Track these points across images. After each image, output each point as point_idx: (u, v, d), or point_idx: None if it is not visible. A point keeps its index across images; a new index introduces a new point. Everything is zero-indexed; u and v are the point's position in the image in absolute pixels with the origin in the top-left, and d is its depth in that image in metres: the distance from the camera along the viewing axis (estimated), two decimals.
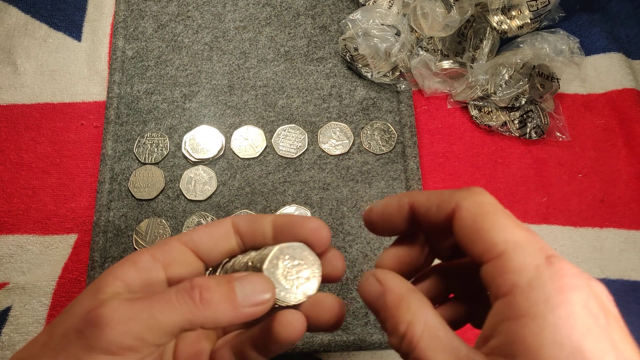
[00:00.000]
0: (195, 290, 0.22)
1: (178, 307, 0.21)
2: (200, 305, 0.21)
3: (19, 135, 0.53)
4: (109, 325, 0.20)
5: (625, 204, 0.50)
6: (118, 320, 0.20)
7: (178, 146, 0.52)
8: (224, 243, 0.26)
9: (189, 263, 0.25)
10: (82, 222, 0.49)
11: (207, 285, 0.22)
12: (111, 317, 0.20)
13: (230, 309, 0.22)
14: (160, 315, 0.21)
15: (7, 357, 0.44)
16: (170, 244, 0.25)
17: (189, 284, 0.22)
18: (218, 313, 0.22)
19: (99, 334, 0.20)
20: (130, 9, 0.58)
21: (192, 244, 0.26)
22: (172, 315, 0.21)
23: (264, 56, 0.56)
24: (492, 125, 0.52)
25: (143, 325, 0.21)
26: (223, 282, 0.22)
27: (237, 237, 0.26)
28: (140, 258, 0.24)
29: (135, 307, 0.21)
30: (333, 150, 0.51)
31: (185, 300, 0.21)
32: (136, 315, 0.21)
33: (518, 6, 0.52)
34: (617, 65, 0.56)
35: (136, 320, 0.21)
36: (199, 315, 0.21)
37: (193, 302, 0.21)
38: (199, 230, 0.26)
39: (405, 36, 0.52)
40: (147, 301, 0.21)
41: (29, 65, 0.56)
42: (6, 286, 0.47)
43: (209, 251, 0.26)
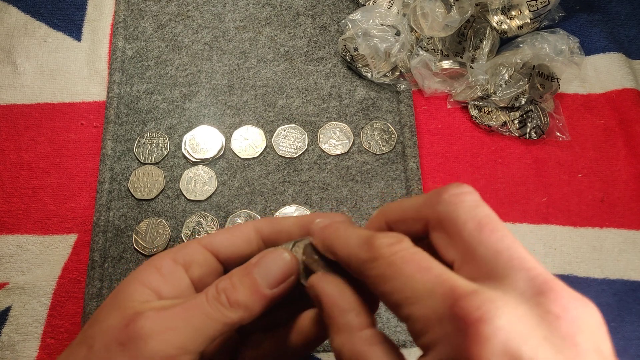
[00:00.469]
0: (221, 295, 0.22)
1: (213, 314, 0.22)
2: (231, 308, 0.22)
3: (19, 135, 0.53)
4: (151, 337, 0.21)
5: (625, 204, 0.50)
6: (159, 332, 0.21)
7: (178, 146, 0.52)
8: (244, 246, 0.26)
9: (209, 264, 0.26)
10: (82, 222, 0.49)
11: (230, 288, 0.23)
12: (151, 329, 0.21)
13: (259, 298, 0.23)
14: (197, 322, 0.22)
15: (7, 357, 0.44)
16: (191, 246, 0.26)
17: (214, 290, 0.23)
18: (250, 307, 0.23)
19: (143, 346, 0.21)
20: (130, 9, 0.58)
21: (211, 247, 0.26)
22: (209, 323, 0.22)
23: (263, 56, 0.56)
24: (492, 125, 0.52)
25: (184, 335, 0.21)
26: (243, 276, 0.23)
27: (259, 240, 0.27)
28: (163, 263, 0.25)
29: (174, 316, 0.22)
30: (333, 150, 0.51)
31: (217, 306, 0.22)
32: (176, 324, 0.21)
33: (518, 6, 0.52)
34: (617, 65, 0.56)
35: (176, 329, 0.21)
36: (233, 317, 0.22)
37: (224, 307, 0.22)
38: (219, 233, 0.27)
39: (405, 36, 0.52)
40: (183, 310, 0.22)
41: (29, 65, 0.56)
42: (6, 286, 0.46)
43: (230, 254, 0.26)
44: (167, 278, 0.24)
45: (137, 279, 0.24)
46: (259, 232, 0.26)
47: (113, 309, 0.23)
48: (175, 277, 0.24)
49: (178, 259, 0.25)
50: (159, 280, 0.24)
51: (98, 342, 0.22)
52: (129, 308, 0.22)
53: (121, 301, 0.23)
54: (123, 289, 0.24)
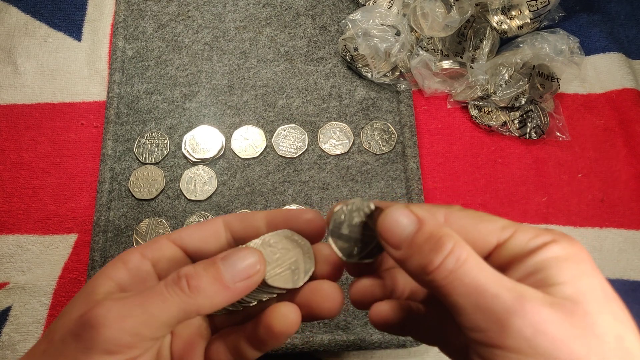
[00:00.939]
0: (182, 279, 0.22)
1: (170, 299, 0.21)
2: (191, 293, 0.22)
3: (19, 135, 0.53)
4: (104, 325, 0.20)
5: (625, 204, 0.50)
6: (113, 319, 0.20)
7: (178, 146, 0.52)
8: (213, 241, 0.26)
9: (178, 260, 0.26)
10: (82, 222, 0.49)
11: (193, 273, 0.22)
12: (105, 316, 0.21)
13: (221, 289, 0.22)
14: (154, 309, 0.21)
15: (7, 357, 0.44)
16: (160, 241, 0.26)
17: (175, 274, 0.22)
18: (210, 297, 0.22)
19: (96, 334, 0.20)
20: (130, 9, 0.58)
21: (180, 242, 0.26)
22: (165, 308, 0.21)
23: (264, 56, 0.56)
24: (492, 125, 0.52)
25: (138, 321, 0.21)
26: (208, 265, 0.22)
27: (228, 235, 0.26)
28: (130, 257, 0.25)
29: (129, 304, 0.21)
30: (333, 150, 0.51)
31: (175, 291, 0.21)
32: (130, 311, 0.21)
33: (518, 6, 0.52)
34: (617, 65, 0.56)
35: (131, 316, 0.21)
36: (192, 304, 0.22)
37: (183, 292, 0.21)
38: (188, 228, 0.26)
39: (405, 36, 0.52)
40: (140, 297, 0.21)
41: (29, 65, 0.56)
42: (6, 286, 0.47)
43: (198, 249, 0.26)
44: (133, 272, 0.24)
45: (103, 273, 0.24)
46: (228, 227, 0.26)
47: (77, 302, 0.23)
48: (141, 271, 0.24)
49: (146, 254, 0.25)
50: (124, 274, 0.24)
51: (56, 335, 0.22)
52: (91, 301, 0.22)
53: (85, 295, 0.23)
54: (90, 284, 0.24)
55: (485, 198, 0.50)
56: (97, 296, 0.22)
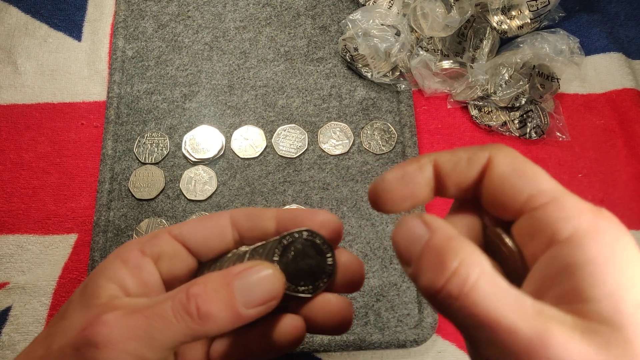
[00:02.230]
0: (191, 303, 0.20)
1: (176, 324, 0.20)
2: (199, 320, 0.20)
3: (19, 135, 0.53)
4: (107, 347, 0.20)
5: (625, 204, 0.50)
6: (116, 340, 0.20)
7: (178, 146, 0.52)
8: (217, 238, 0.24)
9: (180, 258, 0.24)
10: (82, 222, 0.49)
11: (203, 296, 0.20)
12: (109, 336, 0.20)
13: (232, 316, 0.20)
14: (158, 334, 0.20)
15: (7, 357, 0.44)
16: (160, 236, 0.24)
17: (184, 295, 0.20)
18: (219, 323, 0.20)
19: (98, 354, 0.20)
20: (130, 9, 0.58)
21: (182, 238, 0.24)
22: (171, 333, 0.20)
23: (264, 56, 0.56)
24: (492, 125, 0.52)
25: (142, 344, 0.20)
26: (221, 286, 0.21)
27: (234, 232, 0.25)
28: (130, 256, 0.23)
29: (132, 324, 0.20)
30: (333, 150, 0.51)
31: (183, 316, 0.20)
32: (134, 334, 0.20)
33: (518, 6, 0.52)
34: (617, 65, 0.56)
35: (134, 339, 0.20)
36: (199, 330, 0.20)
37: (191, 318, 0.20)
38: (191, 223, 0.25)
39: (405, 36, 0.52)
40: (145, 318, 0.20)
41: (29, 65, 0.56)
42: (6, 286, 0.47)
43: (201, 246, 0.24)
44: (134, 272, 0.23)
45: (103, 274, 0.22)
46: (234, 223, 0.25)
47: (77, 307, 0.22)
48: (143, 271, 0.23)
49: (146, 251, 0.23)
50: (125, 275, 0.22)
51: (56, 343, 0.21)
52: (93, 307, 0.21)
53: (86, 298, 0.22)
54: (89, 285, 0.22)
55: None
56: (100, 301, 0.21)
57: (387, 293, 0.46)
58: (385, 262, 0.47)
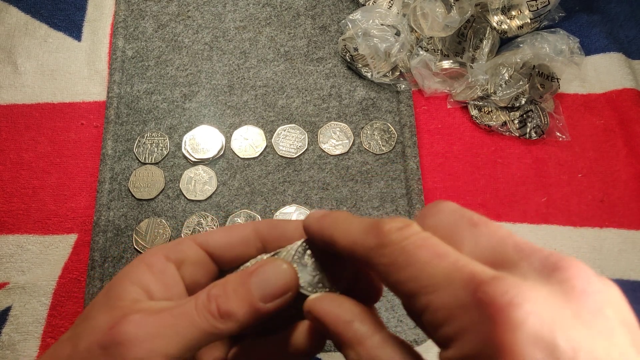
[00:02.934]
0: (212, 303, 0.21)
1: (200, 323, 0.21)
2: (220, 318, 0.21)
3: (19, 135, 0.53)
4: (134, 344, 0.20)
5: (625, 204, 0.50)
6: (143, 338, 0.20)
7: (178, 146, 0.52)
8: (241, 246, 0.25)
9: (203, 264, 0.25)
10: (82, 222, 0.49)
11: (223, 296, 0.21)
12: (136, 335, 0.20)
13: (252, 311, 0.21)
14: (184, 331, 0.21)
15: (7, 357, 0.44)
16: (185, 243, 0.25)
17: (205, 296, 0.22)
18: (240, 320, 0.21)
19: (125, 352, 0.20)
20: (130, 9, 0.58)
21: (206, 246, 0.25)
22: (195, 331, 0.21)
23: (264, 56, 0.56)
24: (492, 125, 0.52)
25: (168, 342, 0.21)
26: (238, 285, 0.22)
27: (258, 242, 0.25)
28: (154, 260, 0.24)
29: (159, 323, 0.21)
30: (333, 150, 0.51)
31: (206, 316, 0.21)
32: (160, 332, 0.21)
33: (518, 6, 0.52)
34: (617, 65, 0.56)
35: (161, 337, 0.21)
36: (222, 329, 0.21)
37: (213, 317, 0.21)
38: (216, 232, 0.25)
39: (405, 36, 0.52)
40: (171, 317, 0.21)
41: (29, 65, 0.56)
42: (6, 286, 0.47)
43: (225, 255, 0.25)
44: (159, 277, 0.23)
45: (128, 277, 0.23)
46: (258, 234, 0.25)
47: (103, 308, 0.22)
48: (166, 275, 0.24)
49: (170, 257, 0.24)
50: (150, 279, 0.23)
51: (82, 343, 0.21)
52: (118, 308, 0.22)
53: (111, 300, 0.22)
54: (114, 287, 0.23)
55: (485, 198, 0.50)
56: (124, 302, 0.22)
57: (387, 293, 0.46)
58: None
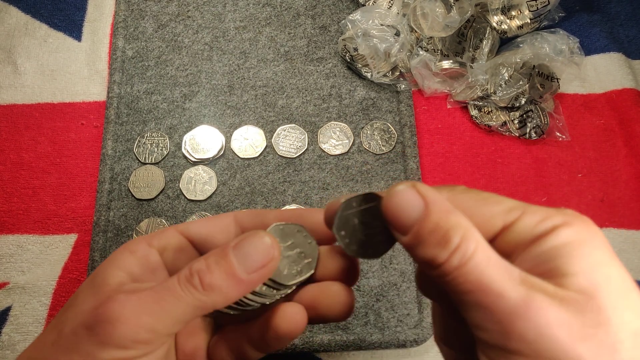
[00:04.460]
0: (194, 277, 0.21)
1: (184, 297, 0.21)
2: (204, 291, 0.21)
3: (19, 135, 0.53)
4: (120, 321, 0.20)
5: (625, 204, 0.50)
6: (129, 315, 0.20)
7: (178, 146, 0.52)
8: (221, 234, 0.26)
9: (185, 251, 0.25)
10: (82, 222, 0.49)
11: (205, 269, 0.22)
12: (121, 312, 0.20)
13: (235, 283, 0.22)
14: (169, 306, 0.21)
15: (7, 357, 0.44)
16: (167, 231, 0.26)
17: (187, 270, 0.22)
18: (224, 292, 0.22)
19: (111, 330, 0.20)
20: (130, 9, 0.58)
21: (187, 233, 0.26)
22: (180, 306, 0.21)
23: (264, 56, 0.56)
24: (492, 125, 0.52)
25: (154, 318, 0.21)
26: (220, 258, 0.22)
27: (238, 230, 0.26)
28: (138, 247, 0.24)
29: (143, 300, 0.21)
30: (333, 150, 0.51)
31: (189, 289, 0.21)
32: (146, 308, 0.21)
33: (518, 6, 0.52)
34: (617, 65, 0.56)
35: (146, 313, 0.21)
36: (205, 301, 0.21)
37: (196, 290, 0.21)
38: (197, 221, 0.26)
39: (405, 36, 0.52)
40: (154, 293, 0.21)
41: (29, 65, 0.56)
42: (6, 286, 0.47)
43: (206, 242, 0.26)
44: (142, 261, 0.24)
45: (112, 263, 0.24)
46: (239, 223, 0.26)
47: (87, 293, 0.23)
48: (149, 260, 0.24)
49: (153, 243, 0.25)
50: (133, 264, 0.24)
51: (66, 327, 0.21)
52: (103, 292, 0.22)
53: (96, 285, 0.23)
54: (98, 273, 0.23)
55: None
56: (109, 287, 0.22)
57: (387, 293, 0.46)
58: (385, 262, 0.47)
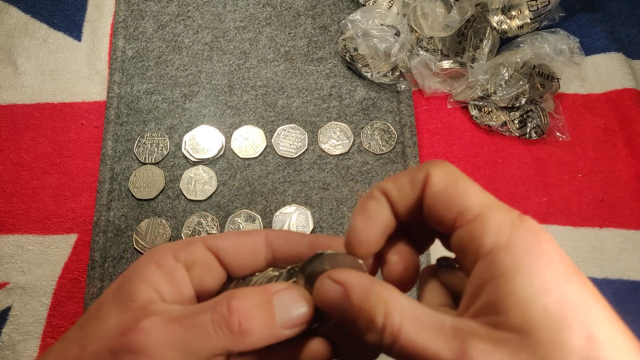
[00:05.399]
0: (233, 317, 0.21)
1: (215, 338, 0.20)
2: (239, 335, 0.21)
3: (19, 135, 0.53)
4: (145, 354, 0.20)
5: (625, 204, 0.50)
6: (154, 349, 0.20)
7: (178, 146, 0.52)
8: (251, 254, 0.25)
9: (212, 268, 0.24)
10: (82, 222, 0.49)
11: (245, 312, 0.21)
12: (147, 345, 0.20)
13: (270, 334, 0.21)
14: (196, 345, 0.20)
15: (7, 357, 0.44)
16: (194, 245, 0.24)
17: (225, 308, 0.21)
18: (257, 341, 0.21)
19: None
20: (130, 9, 0.58)
21: (216, 249, 0.24)
22: (208, 346, 0.20)
23: (264, 56, 0.56)
24: (492, 125, 0.52)
25: (179, 354, 0.20)
26: (262, 304, 0.21)
27: (268, 252, 0.25)
28: (164, 261, 0.23)
29: (171, 334, 0.20)
30: (333, 150, 0.51)
31: (223, 330, 0.20)
32: (172, 343, 0.20)
33: (518, 6, 0.52)
34: (617, 65, 0.56)
35: (172, 349, 0.20)
36: (236, 345, 0.21)
37: (231, 333, 0.20)
38: (226, 236, 0.25)
39: (405, 36, 0.52)
40: (184, 329, 0.21)
41: (29, 65, 0.56)
42: (6, 286, 0.47)
43: (234, 260, 0.25)
44: (169, 277, 0.23)
45: (139, 277, 0.23)
46: (270, 244, 0.25)
47: (114, 308, 0.22)
48: (176, 277, 0.23)
49: (180, 257, 0.24)
50: (160, 279, 0.23)
51: (91, 344, 0.21)
52: (131, 310, 0.21)
53: (123, 300, 0.22)
54: (125, 286, 0.23)
55: None
56: (136, 304, 0.22)
57: None
58: None
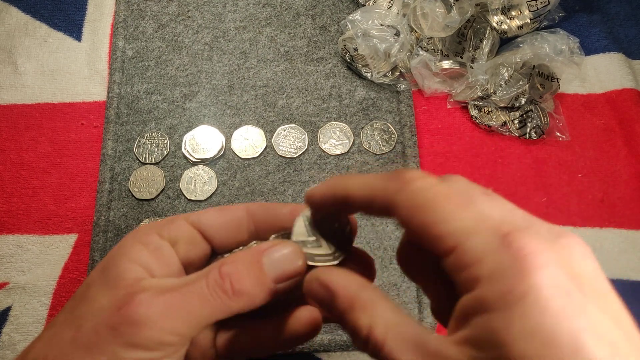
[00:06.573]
0: (225, 281, 0.21)
1: (212, 301, 0.21)
2: (234, 297, 0.21)
3: (19, 135, 0.53)
4: (146, 324, 0.20)
5: (625, 204, 0.50)
6: (155, 318, 0.20)
7: (178, 146, 0.52)
8: (234, 226, 0.25)
9: (196, 243, 0.25)
10: (82, 222, 0.49)
11: (236, 274, 0.22)
12: (148, 315, 0.20)
13: (264, 290, 0.22)
14: (195, 310, 0.21)
15: (7, 356, 0.44)
16: (177, 222, 0.25)
17: (217, 273, 0.22)
18: (252, 299, 0.22)
19: (137, 332, 0.20)
20: (130, 9, 0.58)
21: (199, 225, 0.25)
22: (208, 310, 0.21)
23: (264, 56, 0.56)
24: (492, 125, 0.52)
25: (180, 321, 0.21)
26: (251, 264, 0.22)
27: (250, 224, 0.25)
28: (149, 239, 0.24)
29: (170, 302, 0.21)
30: (333, 150, 0.51)
31: (218, 294, 0.21)
32: (172, 312, 0.21)
33: (518, 6, 0.52)
34: (617, 65, 0.56)
35: (173, 317, 0.21)
36: (233, 306, 0.22)
37: (226, 295, 0.21)
38: (208, 211, 0.25)
39: (405, 36, 0.52)
40: (181, 296, 0.21)
41: (30, 65, 0.56)
42: (6, 286, 0.47)
43: (217, 233, 0.25)
44: (156, 255, 0.23)
45: (124, 256, 0.23)
46: (251, 216, 0.25)
47: (103, 289, 0.22)
48: (163, 254, 0.24)
49: (164, 235, 0.24)
50: (148, 258, 0.23)
51: (87, 324, 0.21)
52: (121, 287, 0.21)
53: (111, 280, 0.22)
54: (110, 267, 0.23)
55: None
56: (125, 282, 0.22)
57: (387, 293, 0.46)
58: (385, 262, 0.47)
